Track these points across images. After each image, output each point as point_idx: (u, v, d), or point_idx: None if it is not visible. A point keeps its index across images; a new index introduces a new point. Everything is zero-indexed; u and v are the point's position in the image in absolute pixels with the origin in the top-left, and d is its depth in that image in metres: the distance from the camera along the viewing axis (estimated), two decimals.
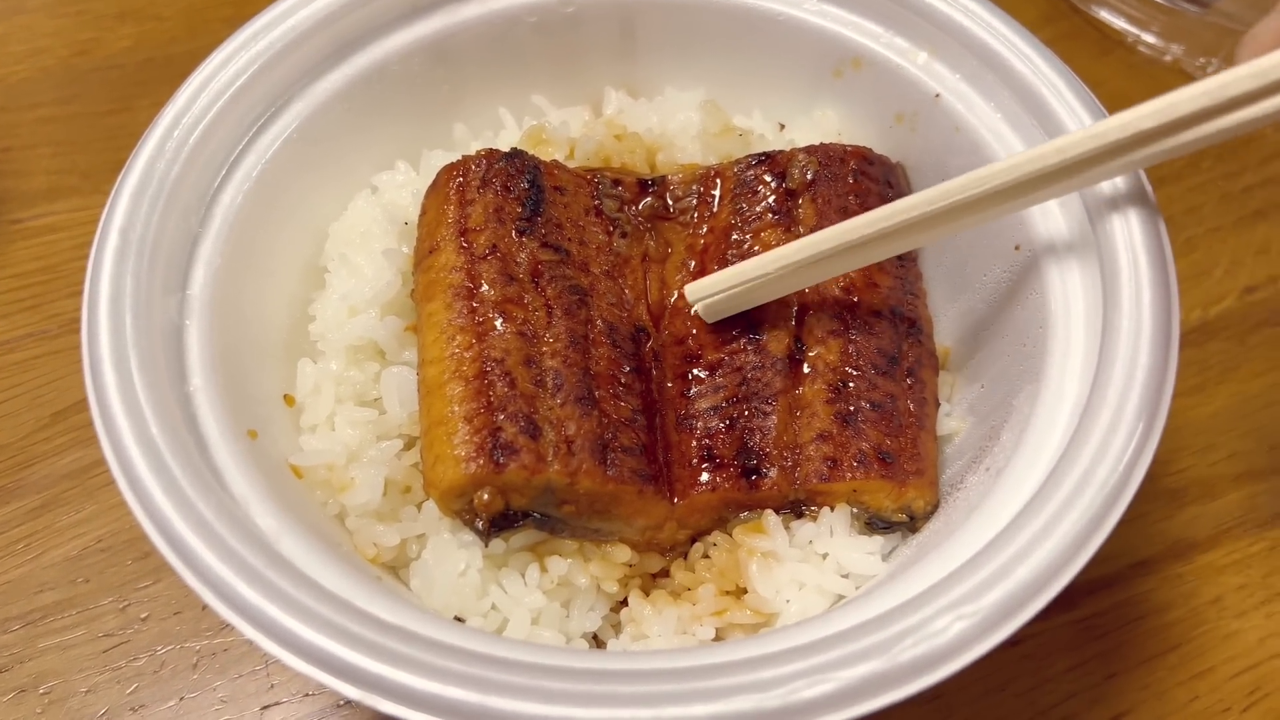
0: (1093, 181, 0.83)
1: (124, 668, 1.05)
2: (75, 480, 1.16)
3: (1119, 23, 1.55)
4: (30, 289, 1.31)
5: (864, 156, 1.05)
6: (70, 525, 1.13)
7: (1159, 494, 1.15)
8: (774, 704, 0.67)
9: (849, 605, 0.76)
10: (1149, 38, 1.52)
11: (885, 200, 1.04)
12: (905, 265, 1.04)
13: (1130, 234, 0.87)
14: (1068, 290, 0.91)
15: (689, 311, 1.01)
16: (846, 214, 1.01)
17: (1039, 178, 0.82)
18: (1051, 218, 0.94)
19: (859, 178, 1.04)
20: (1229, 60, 1.46)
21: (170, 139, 0.93)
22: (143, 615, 1.08)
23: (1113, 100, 1.44)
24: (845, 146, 1.05)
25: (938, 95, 1.05)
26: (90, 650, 1.06)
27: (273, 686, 1.04)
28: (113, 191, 0.90)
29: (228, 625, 1.05)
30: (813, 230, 0.99)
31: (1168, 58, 1.52)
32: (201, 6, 1.59)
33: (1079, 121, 0.94)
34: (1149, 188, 0.90)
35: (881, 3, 1.07)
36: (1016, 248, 0.97)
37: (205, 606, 1.05)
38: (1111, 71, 1.52)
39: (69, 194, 1.39)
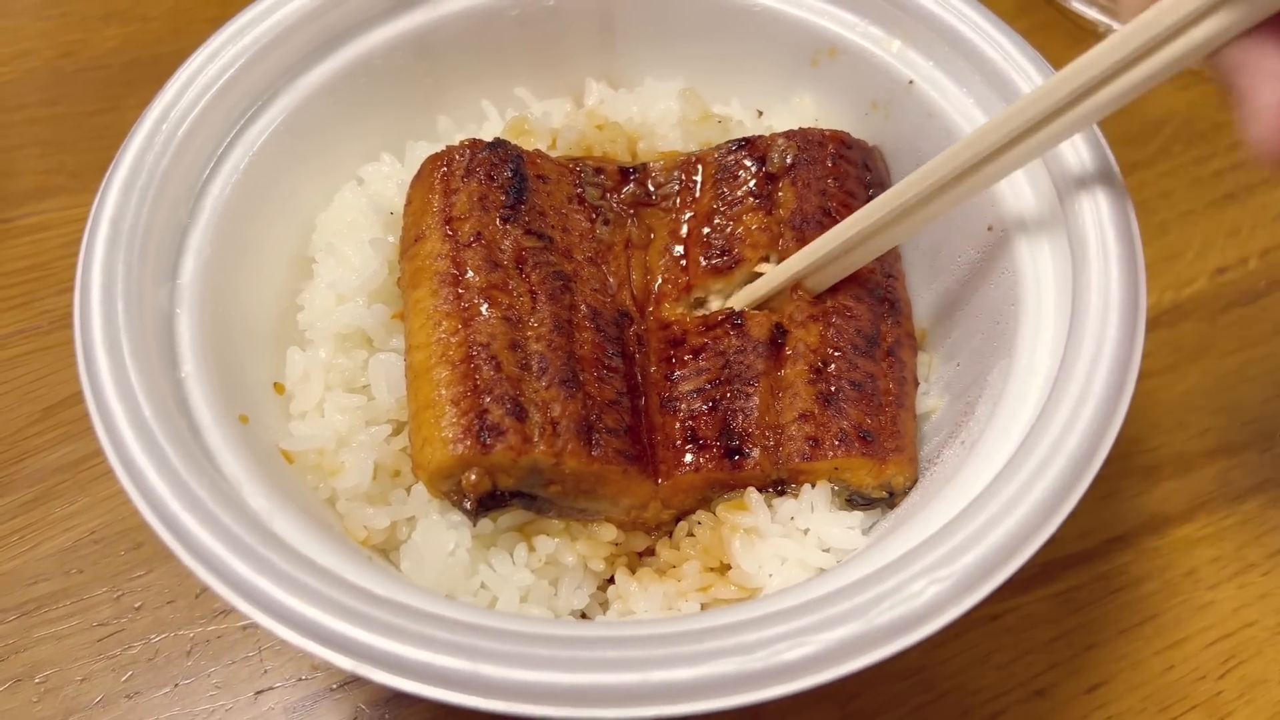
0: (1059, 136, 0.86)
1: (119, 656, 1.06)
2: (68, 473, 1.17)
3: (1091, 13, 1.57)
4: (20, 287, 1.32)
5: (842, 140, 1.07)
6: (63, 517, 1.14)
7: (1134, 471, 1.18)
8: (757, 666, 0.69)
9: (829, 574, 0.78)
10: (1120, 28, 1.55)
11: (864, 183, 1.07)
12: None
13: (1099, 212, 0.89)
14: (1039, 268, 0.93)
15: (672, 295, 1.03)
16: (826, 196, 1.03)
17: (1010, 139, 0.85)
18: (1023, 198, 0.97)
19: (837, 161, 1.06)
20: None
21: (159, 132, 0.95)
22: (136, 604, 1.09)
23: None
24: (824, 131, 1.07)
25: (911, 82, 1.07)
26: (85, 639, 1.07)
27: (266, 672, 1.05)
28: (103, 183, 0.92)
29: (221, 612, 1.08)
30: (793, 213, 1.02)
31: None
32: (187, 7, 1.60)
33: None
34: (1116, 167, 0.93)
35: None
36: (989, 228, 0.99)
37: (199, 594, 1.09)
38: None
39: (57, 193, 1.40)
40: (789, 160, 1.03)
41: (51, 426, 1.21)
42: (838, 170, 1.05)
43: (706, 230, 1.03)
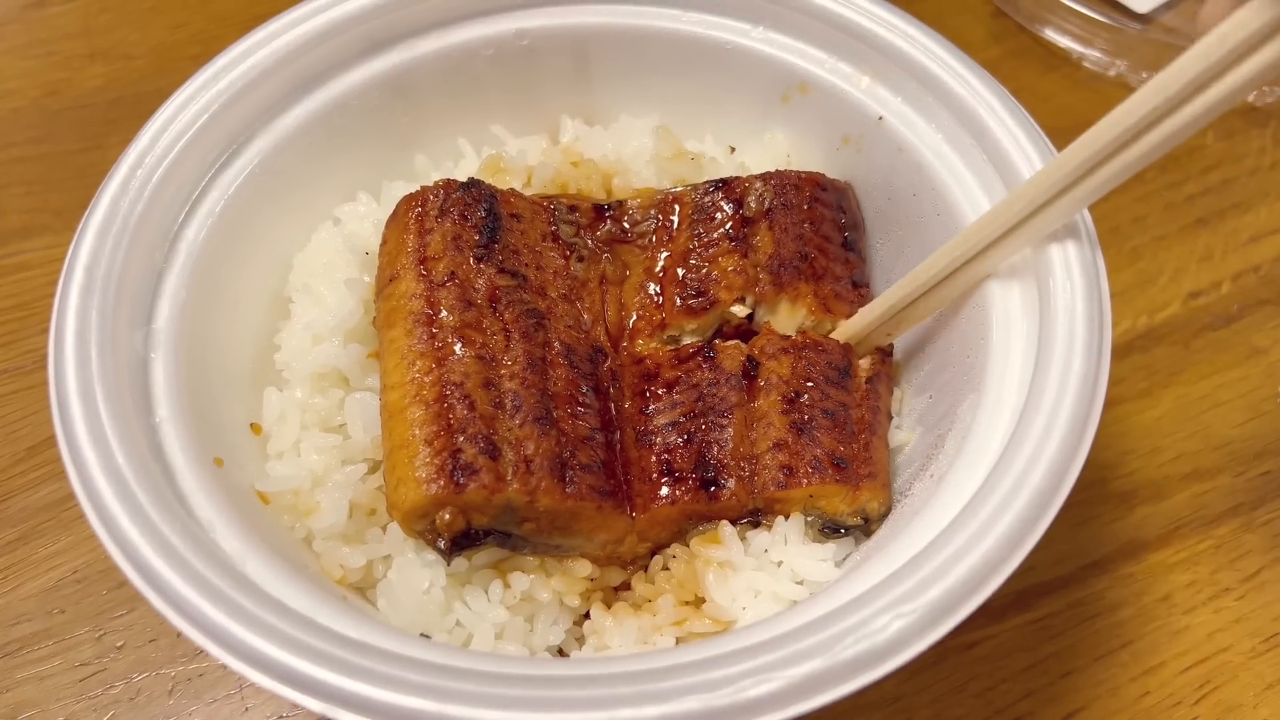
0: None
1: (100, 696, 1.07)
2: (51, 513, 1.18)
3: (1064, 40, 1.59)
4: (4, 326, 1.33)
5: (817, 183, 1.09)
6: (46, 557, 1.15)
7: (1110, 496, 1.19)
8: (722, 703, 0.70)
9: (799, 607, 0.79)
10: (1093, 54, 1.57)
11: (839, 225, 1.08)
12: (860, 291, 1.08)
13: (1064, 248, 0.91)
14: (1007, 303, 0.94)
15: (646, 332, 1.04)
16: (802, 241, 1.05)
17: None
18: None
19: (813, 205, 1.07)
20: None
21: (134, 177, 0.96)
22: (119, 644, 1.10)
23: (1059, 114, 1.51)
24: (799, 174, 1.08)
25: (881, 118, 1.09)
26: (67, 680, 1.08)
27: (248, 709, 1.06)
28: (78, 229, 0.93)
29: (202, 651, 1.07)
30: (770, 257, 1.03)
31: (1112, 73, 1.56)
32: (170, 45, 1.63)
33: (1014, 139, 0.98)
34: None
35: (825, 30, 1.11)
36: None
37: (180, 633, 1.09)
38: (1058, 87, 1.57)
39: (42, 231, 1.41)
40: (766, 203, 1.05)
41: (35, 466, 1.21)
42: (814, 214, 1.06)
43: (682, 270, 1.04)
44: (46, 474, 1.21)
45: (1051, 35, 1.60)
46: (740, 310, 1.04)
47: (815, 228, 1.06)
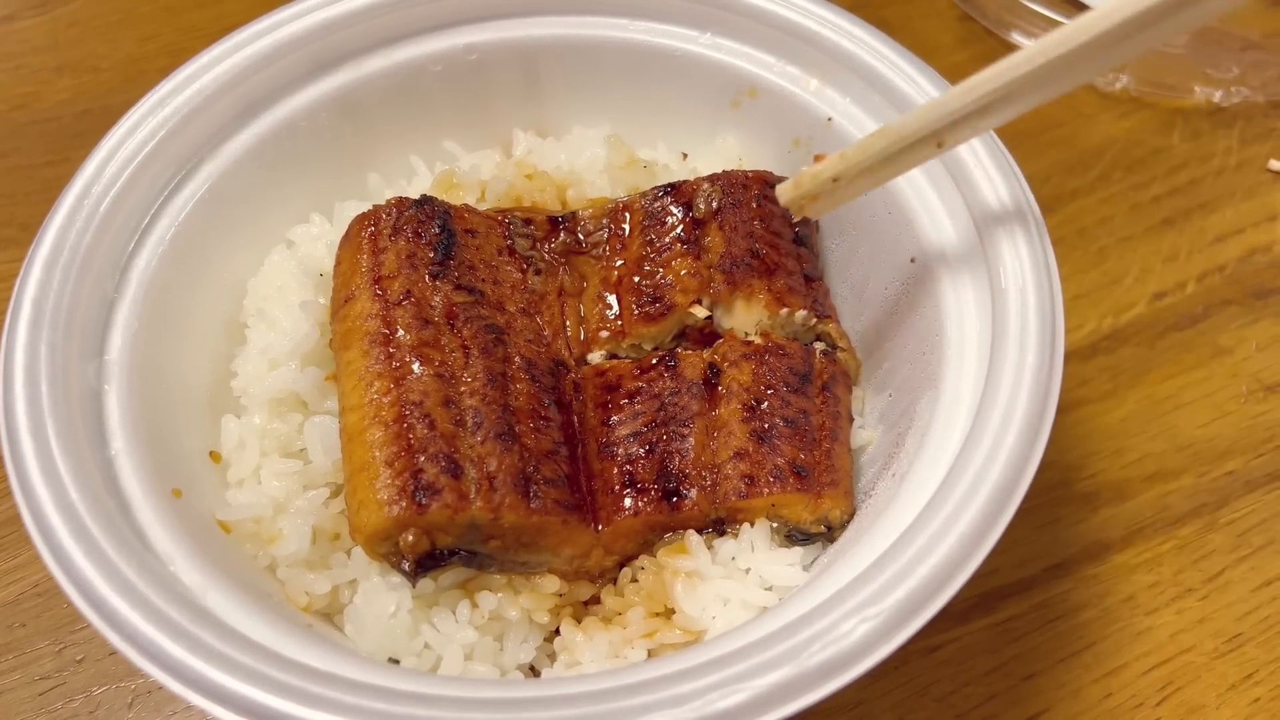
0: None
1: (60, 710, 1.06)
2: (9, 527, 1.17)
3: (1030, 44, 1.60)
4: None
5: (765, 180, 1.09)
6: (6, 571, 1.14)
7: (1073, 498, 1.19)
8: (690, 716, 0.70)
9: (768, 614, 0.79)
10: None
11: (789, 221, 1.08)
12: (813, 285, 1.08)
13: (1014, 244, 0.92)
14: (960, 299, 0.95)
15: (607, 342, 1.04)
16: (753, 238, 1.05)
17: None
18: (943, 230, 0.98)
19: (762, 202, 1.07)
20: (1136, 75, 1.54)
21: (81, 208, 0.95)
22: (78, 657, 1.09)
23: (1026, 115, 1.47)
24: (747, 173, 1.08)
25: (830, 119, 1.09)
26: (27, 694, 1.07)
27: None
28: (24, 262, 0.92)
29: None
30: (722, 256, 1.03)
31: None
32: (138, 57, 1.62)
33: None
34: (1030, 197, 0.95)
35: (772, 33, 1.11)
36: (912, 260, 1.01)
37: None
38: None
39: (7, 245, 1.41)
40: (715, 204, 1.04)
41: None
42: (763, 211, 1.06)
43: (638, 278, 1.04)
44: (4, 489, 1.18)
45: (1017, 38, 1.61)
46: (700, 312, 1.03)
47: (765, 224, 1.06)
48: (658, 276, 1.04)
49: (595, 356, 1.04)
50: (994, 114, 0.87)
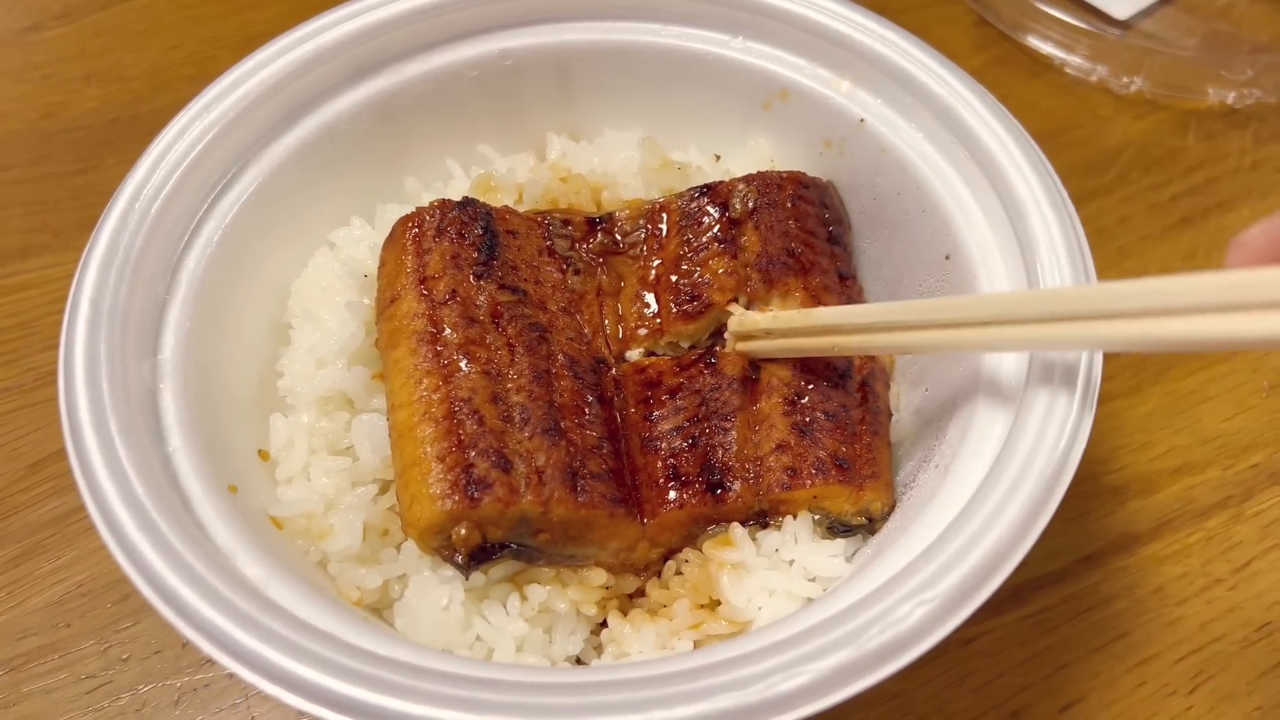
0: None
1: (107, 708, 1.07)
2: (54, 528, 1.18)
3: (1046, 47, 1.63)
4: (5, 345, 1.33)
5: (799, 180, 1.11)
6: (51, 572, 1.15)
7: (1101, 491, 1.20)
8: (754, 699, 0.71)
9: (817, 603, 0.81)
10: (1075, 60, 1.61)
11: (823, 220, 1.10)
12: (848, 283, 1.10)
13: (1050, 235, 0.93)
14: (994, 287, 0.97)
15: (646, 340, 1.05)
16: (788, 237, 1.06)
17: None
18: (977, 227, 1.00)
19: (797, 201, 1.09)
20: (1150, 78, 1.56)
21: (133, 210, 0.97)
22: (124, 656, 1.10)
23: (1044, 118, 1.55)
24: (781, 173, 1.10)
25: (862, 120, 1.11)
26: (74, 692, 1.08)
27: (254, 718, 1.06)
28: (80, 263, 0.93)
29: (208, 661, 1.08)
30: (758, 255, 1.04)
31: (1093, 78, 1.60)
32: (165, 66, 1.63)
33: (994, 134, 1.01)
34: (1065, 193, 0.96)
35: (803, 36, 1.13)
36: (947, 257, 1.03)
37: (186, 644, 1.09)
38: (1041, 93, 1.61)
39: (41, 251, 1.42)
40: (750, 204, 1.06)
41: (38, 482, 1.22)
42: (798, 211, 1.08)
43: (675, 277, 1.06)
44: (49, 490, 1.21)
45: (1034, 42, 1.63)
46: (735, 309, 1.05)
47: (800, 224, 1.08)
48: (695, 275, 1.06)
49: (634, 354, 1.06)
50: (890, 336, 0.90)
